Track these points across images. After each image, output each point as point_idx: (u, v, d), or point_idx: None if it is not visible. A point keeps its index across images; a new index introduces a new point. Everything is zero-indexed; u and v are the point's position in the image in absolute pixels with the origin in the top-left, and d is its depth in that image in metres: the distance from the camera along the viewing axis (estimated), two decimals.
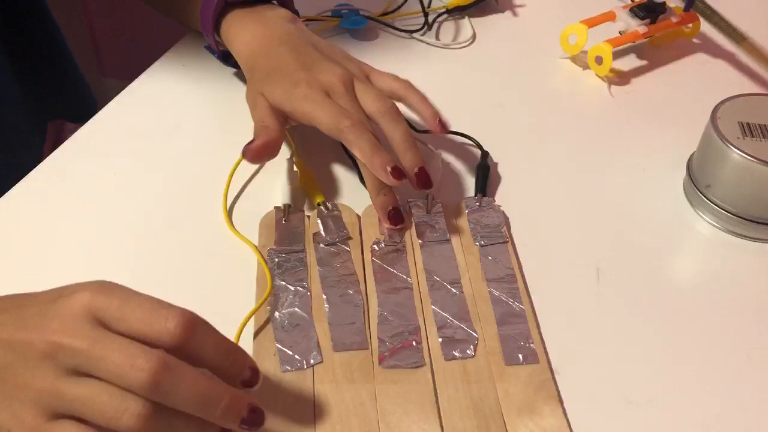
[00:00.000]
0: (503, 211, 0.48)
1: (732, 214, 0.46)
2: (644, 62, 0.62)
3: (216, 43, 0.54)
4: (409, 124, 0.52)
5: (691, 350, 0.41)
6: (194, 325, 0.30)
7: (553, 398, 0.38)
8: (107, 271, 0.42)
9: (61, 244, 0.45)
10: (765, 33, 0.62)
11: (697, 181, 0.48)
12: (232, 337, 0.39)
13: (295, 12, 0.54)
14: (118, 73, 1.88)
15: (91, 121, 0.54)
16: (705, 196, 0.47)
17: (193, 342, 0.30)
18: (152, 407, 0.29)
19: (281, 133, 0.46)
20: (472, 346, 0.40)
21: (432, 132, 0.47)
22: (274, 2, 0.53)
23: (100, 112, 0.55)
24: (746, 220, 0.46)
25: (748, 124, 0.46)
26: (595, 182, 0.51)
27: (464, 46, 0.63)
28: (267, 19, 0.51)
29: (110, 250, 0.45)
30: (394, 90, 0.48)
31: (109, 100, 0.56)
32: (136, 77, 0.58)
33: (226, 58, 0.55)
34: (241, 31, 0.51)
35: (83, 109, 0.76)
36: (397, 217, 0.45)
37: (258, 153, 0.45)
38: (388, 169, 0.43)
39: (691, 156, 0.50)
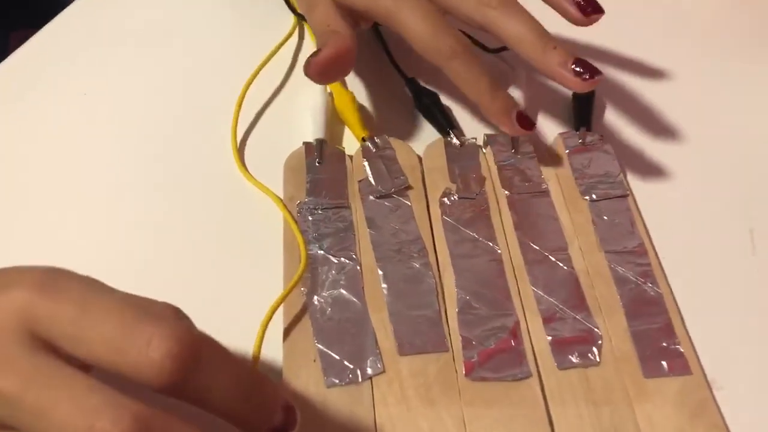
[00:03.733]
0: (615, 155, 0.35)
1: None
2: None
3: None
4: (475, 41, 0.38)
5: None
6: (194, 350, 0.18)
7: (718, 428, 0.26)
8: (73, 235, 0.29)
9: (17, 186, 0.32)
10: None
11: None
12: (251, 336, 0.27)
13: None
14: None
15: (53, 21, 0.40)
16: None
17: (192, 379, 0.18)
18: None
19: (355, 38, 0.32)
20: (595, 349, 0.28)
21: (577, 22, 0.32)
22: None
23: (67, 8, 0.41)
24: None
25: None
26: (728, 103, 0.38)
27: None
28: None
29: (77, 202, 0.32)
30: None
31: None
32: None
33: None
34: None
35: (51, 14, 0.63)
36: (526, 120, 0.32)
37: (328, 67, 0.31)
38: (513, 115, 0.31)
39: None
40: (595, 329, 0.29)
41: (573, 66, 0.30)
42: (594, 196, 0.33)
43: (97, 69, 0.38)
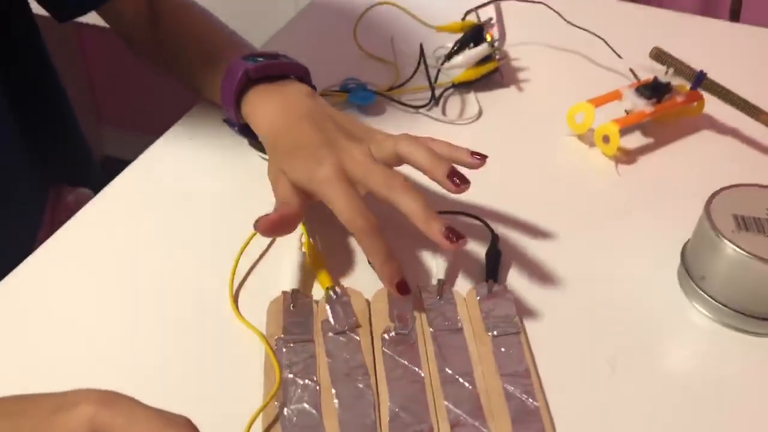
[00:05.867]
0: (515, 299, 0.47)
1: (725, 306, 0.46)
2: (650, 140, 0.63)
3: (237, 116, 0.53)
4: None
5: None
6: None
7: None
8: (108, 357, 0.41)
9: (63, 327, 0.44)
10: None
11: (692, 271, 0.47)
12: None
13: (313, 87, 0.54)
14: (115, 122, 1.89)
15: (94, 199, 0.53)
16: (699, 287, 0.47)
17: None
18: None
19: (301, 210, 0.46)
20: None
21: (451, 189, 0.45)
22: (293, 78, 0.54)
23: (104, 189, 0.54)
24: (742, 314, 0.45)
25: (742, 216, 0.46)
26: (602, 266, 0.50)
27: (470, 122, 0.63)
28: (288, 95, 0.51)
29: (112, 334, 0.44)
30: (404, 154, 0.46)
31: (106, 150, 0.55)
32: (133, 126, 0.58)
33: (244, 130, 0.55)
34: (263, 107, 0.51)
35: (84, 173, 0.75)
36: (404, 287, 0.44)
37: (272, 226, 0.44)
38: (394, 281, 0.44)
39: (686, 244, 0.50)
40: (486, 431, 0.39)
41: (446, 232, 0.43)
42: (495, 333, 0.45)
43: (132, 233, 0.51)
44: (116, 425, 0.29)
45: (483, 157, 0.47)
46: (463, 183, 0.45)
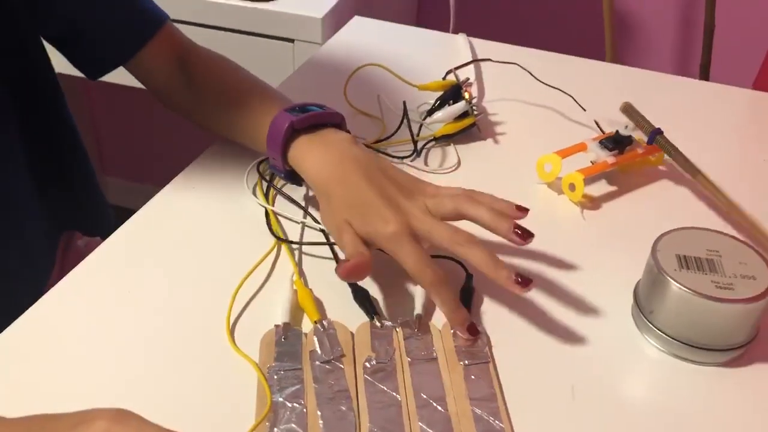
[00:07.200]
0: (485, 332, 0.52)
1: (673, 339, 0.50)
2: (614, 188, 0.68)
3: (283, 165, 0.58)
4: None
5: None
6: None
7: None
8: (117, 385, 0.46)
9: (76, 362, 0.49)
10: (719, 167, 0.69)
11: (642, 307, 0.52)
12: None
13: (348, 132, 0.60)
14: (119, 173, 1.95)
15: (103, 243, 0.59)
16: (649, 321, 0.51)
17: None
18: None
19: (371, 259, 0.51)
20: None
21: (517, 242, 0.51)
22: (330, 125, 0.59)
23: (111, 236, 0.59)
24: (687, 345, 0.50)
25: (684, 256, 0.51)
26: (565, 302, 0.55)
27: (450, 172, 0.69)
28: (332, 142, 0.57)
29: (121, 366, 0.48)
30: (466, 212, 0.52)
31: (110, 199, 0.60)
32: (136, 177, 0.63)
33: (292, 176, 0.59)
34: (311, 155, 0.56)
35: (98, 222, 0.80)
36: (474, 329, 0.50)
37: (352, 271, 0.50)
38: (466, 325, 0.50)
39: (638, 282, 0.55)
40: None
41: (515, 278, 0.48)
42: (466, 362, 0.49)
43: (138, 275, 0.56)
44: None
45: (525, 210, 0.53)
46: (527, 237, 0.50)
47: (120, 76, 0.70)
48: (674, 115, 0.78)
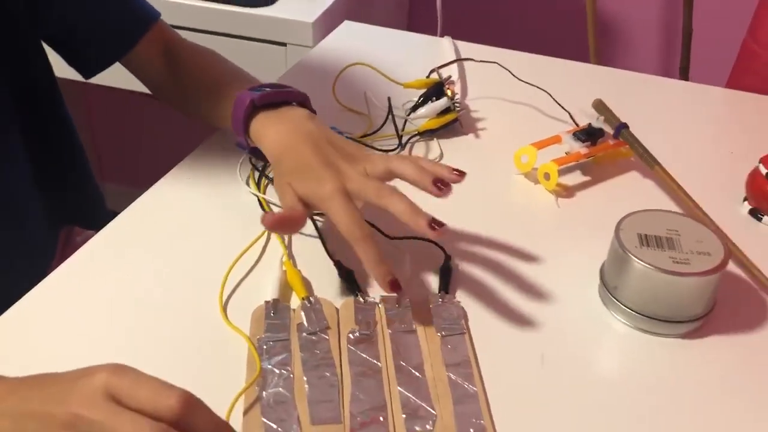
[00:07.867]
0: (462, 307, 0.55)
1: (636, 312, 0.54)
2: (588, 178, 0.72)
3: (246, 140, 0.62)
4: (381, 231, 0.60)
5: None
6: (192, 403, 0.37)
7: None
8: (119, 355, 0.49)
9: (78, 341, 0.52)
10: (675, 160, 0.73)
11: (607, 283, 0.56)
12: (224, 412, 0.45)
13: (312, 111, 0.63)
14: (116, 178, 1.99)
15: (101, 231, 0.62)
16: (613, 296, 0.55)
17: (190, 417, 0.37)
18: None
19: (304, 216, 0.54)
20: (431, 422, 0.47)
21: (436, 193, 0.53)
22: (294, 104, 0.62)
23: (109, 223, 0.63)
24: (648, 317, 0.53)
25: (645, 235, 0.54)
26: (538, 281, 0.59)
27: None
28: (290, 118, 0.60)
29: (122, 339, 0.52)
30: (395, 169, 0.55)
31: (108, 205, 0.63)
32: (134, 183, 0.67)
33: (254, 152, 0.63)
34: (269, 129, 0.60)
35: (97, 218, 0.83)
36: (395, 285, 0.51)
37: (278, 222, 0.53)
38: (388, 279, 0.51)
39: (604, 262, 0.58)
40: (432, 411, 0.47)
41: (431, 223, 0.51)
42: (443, 333, 0.53)
43: (136, 258, 0.59)
44: (124, 386, 0.37)
45: (461, 173, 0.55)
46: (445, 187, 0.53)
47: (117, 80, 0.73)
48: (647, 112, 0.82)
